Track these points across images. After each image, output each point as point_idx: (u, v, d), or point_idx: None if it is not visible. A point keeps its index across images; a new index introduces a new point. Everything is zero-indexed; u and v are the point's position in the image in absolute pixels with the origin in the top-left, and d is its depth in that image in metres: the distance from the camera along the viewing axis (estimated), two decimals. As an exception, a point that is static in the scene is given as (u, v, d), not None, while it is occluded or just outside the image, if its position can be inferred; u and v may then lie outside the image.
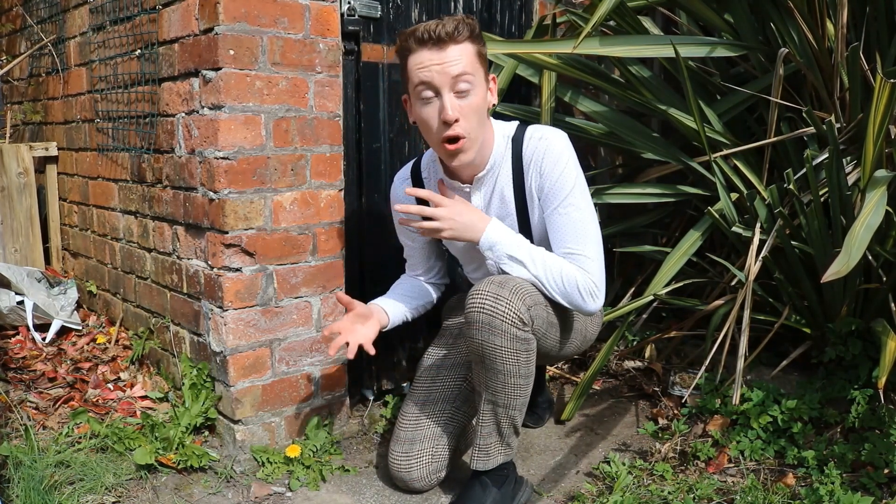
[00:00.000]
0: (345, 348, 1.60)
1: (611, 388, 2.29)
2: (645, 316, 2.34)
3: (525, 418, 1.63)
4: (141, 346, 2.14)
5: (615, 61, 2.14)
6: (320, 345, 1.89)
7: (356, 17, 1.91)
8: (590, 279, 1.51)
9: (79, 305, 2.55)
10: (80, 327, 2.42)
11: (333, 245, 1.89)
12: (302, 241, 1.83)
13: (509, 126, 1.63)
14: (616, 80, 2.18)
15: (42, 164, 2.70)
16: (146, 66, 1.96)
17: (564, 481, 1.74)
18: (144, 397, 1.98)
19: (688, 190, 2.17)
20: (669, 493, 1.62)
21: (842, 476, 1.62)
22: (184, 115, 1.80)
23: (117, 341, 2.28)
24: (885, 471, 1.61)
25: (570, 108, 2.40)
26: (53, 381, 2.09)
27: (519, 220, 1.63)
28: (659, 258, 2.16)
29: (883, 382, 1.51)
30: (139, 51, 1.98)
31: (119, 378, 2.11)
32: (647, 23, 2.30)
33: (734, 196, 2.00)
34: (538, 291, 1.50)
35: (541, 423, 2.05)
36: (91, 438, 1.74)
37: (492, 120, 1.61)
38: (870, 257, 1.81)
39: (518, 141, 1.59)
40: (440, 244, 1.82)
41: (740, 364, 1.74)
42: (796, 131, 1.96)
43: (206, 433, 1.85)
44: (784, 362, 1.97)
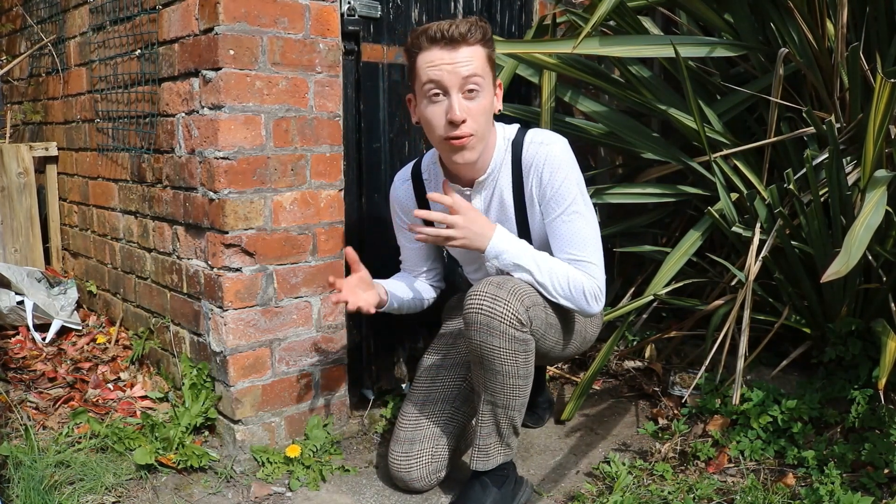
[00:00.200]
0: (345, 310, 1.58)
1: (611, 388, 2.29)
2: (645, 316, 2.34)
3: (525, 418, 1.64)
4: (141, 346, 2.14)
5: (615, 61, 2.14)
6: (320, 345, 1.89)
7: (356, 17, 1.91)
8: (595, 284, 1.52)
9: (79, 305, 2.55)
10: (80, 327, 2.42)
11: (333, 245, 1.89)
12: (302, 241, 1.83)
13: (510, 129, 1.62)
14: (616, 80, 2.18)
15: (42, 164, 2.70)
16: (146, 66, 1.96)
17: (564, 481, 1.74)
18: (144, 397, 1.98)
19: (688, 190, 2.17)
20: (669, 493, 1.62)
21: (842, 476, 1.62)
22: (184, 115, 1.80)
23: (117, 341, 2.28)
24: (885, 471, 1.61)
25: (570, 108, 2.40)
26: (53, 381, 2.09)
27: (518, 225, 1.63)
28: (659, 258, 2.16)
29: (883, 383, 1.51)
30: (139, 51, 1.98)
31: (119, 378, 2.11)
32: (647, 23, 2.30)
33: (734, 196, 2.00)
34: (537, 292, 1.50)
35: (541, 423, 2.05)
36: (91, 438, 1.74)
37: (495, 124, 1.61)
38: (870, 257, 1.81)
39: (518, 145, 1.59)
40: (439, 247, 1.82)
41: (740, 364, 1.74)
42: (796, 131, 1.96)
43: (206, 433, 1.85)
44: (784, 362, 1.97)
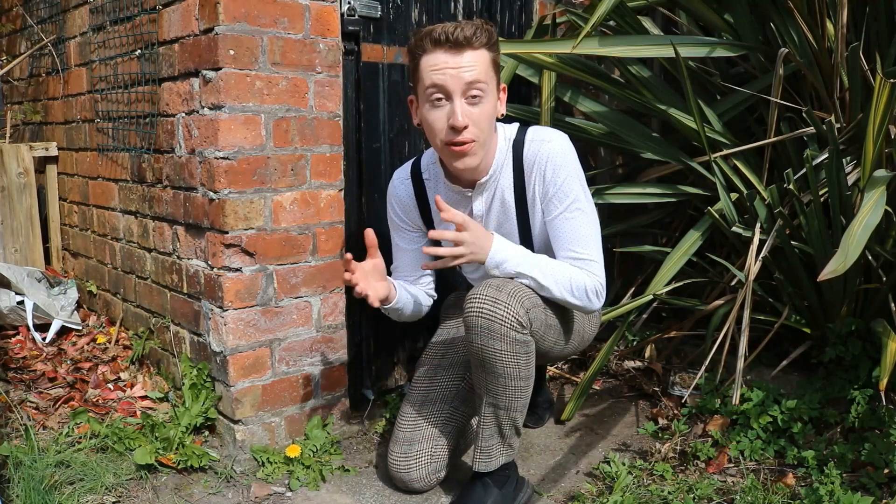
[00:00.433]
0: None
1: (611, 388, 2.29)
2: (645, 316, 2.34)
3: (525, 418, 1.63)
4: (141, 346, 2.14)
5: (615, 61, 2.14)
6: (320, 345, 1.89)
7: (356, 17, 1.91)
8: (596, 281, 1.52)
9: (79, 305, 2.55)
10: (81, 327, 2.42)
11: (333, 245, 1.89)
12: (302, 241, 1.83)
13: (510, 128, 1.62)
14: (616, 80, 2.18)
15: (42, 164, 2.70)
16: (146, 66, 1.96)
17: (564, 481, 1.74)
18: (144, 397, 1.98)
19: (688, 190, 2.17)
20: (669, 493, 1.62)
21: (842, 476, 1.62)
22: (184, 115, 1.80)
23: (117, 341, 2.28)
24: (885, 471, 1.61)
25: (570, 108, 2.40)
26: (53, 381, 2.09)
27: (519, 225, 1.63)
28: (659, 258, 2.16)
29: (884, 383, 1.51)
30: (139, 51, 1.98)
31: (119, 378, 2.11)
32: (647, 23, 2.30)
33: (734, 196, 2.00)
34: (536, 294, 1.50)
35: (541, 423, 2.05)
36: (91, 438, 1.75)
37: (497, 125, 1.60)
38: (870, 257, 1.82)
39: (519, 144, 1.58)
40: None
41: (740, 364, 1.74)
42: (796, 131, 1.96)
43: (206, 433, 1.85)
44: (784, 362, 1.97)
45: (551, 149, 1.54)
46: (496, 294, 1.42)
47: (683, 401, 2.03)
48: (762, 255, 1.78)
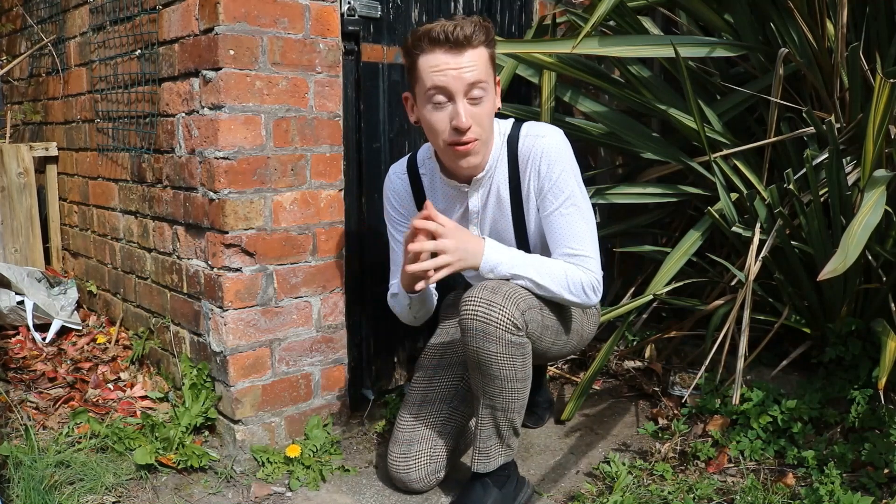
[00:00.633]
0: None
1: (611, 388, 2.29)
2: (645, 316, 2.34)
3: (525, 418, 1.63)
4: (141, 346, 2.14)
5: (615, 61, 2.14)
6: (320, 345, 1.89)
7: (356, 17, 1.91)
8: (593, 277, 1.52)
9: (79, 305, 2.55)
10: (81, 327, 2.42)
11: (333, 245, 1.89)
12: (302, 241, 1.83)
13: (505, 124, 1.61)
14: (616, 80, 2.18)
15: (42, 164, 2.70)
16: (146, 66, 1.96)
17: (564, 481, 1.74)
18: (144, 397, 1.98)
19: (688, 190, 2.17)
20: (669, 493, 1.62)
21: (842, 476, 1.62)
22: (184, 115, 1.80)
23: (117, 341, 2.28)
24: (885, 471, 1.61)
25: (570, 108, 2.40)
26: (53, 381, 2.09)
27: (514, 220, 1.62)
28: (659, 258, 2.16)
29: (883, 383, 1.50)
30: (139, 51, 1.98)
31: (119, 378, 2.11)
32: (647, 23, 2.30)
33: (734, 196, 2.00)
34: (532, 295, 1.49)
35: (541, 423, 2.05)
36: (91, 438, 1.75)
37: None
38: (870, 257, 1.81)
39: (513, 139, 1.58)
40: None
41: (740, 364, 1.74)
42: (796, 131, 1.96)
43: (206, 433, 1.85)
44: (784, 362, 1.97)
45: (546, 144, 1.54)
46: (491, 296, 1.42)
47: (683, 401, 2.03)
48: (762, 255, 1.78)
